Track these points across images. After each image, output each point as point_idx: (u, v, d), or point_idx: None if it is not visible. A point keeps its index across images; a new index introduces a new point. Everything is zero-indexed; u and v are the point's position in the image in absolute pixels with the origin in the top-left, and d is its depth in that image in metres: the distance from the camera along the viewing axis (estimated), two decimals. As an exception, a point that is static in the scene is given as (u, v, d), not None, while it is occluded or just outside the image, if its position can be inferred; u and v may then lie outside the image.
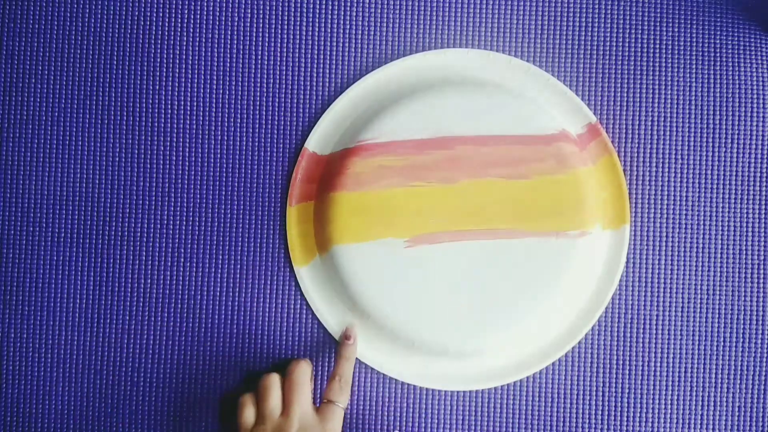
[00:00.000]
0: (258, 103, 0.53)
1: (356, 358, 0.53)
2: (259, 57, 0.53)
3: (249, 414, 0.49)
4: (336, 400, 0.49)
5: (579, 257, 0.51)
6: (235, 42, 0.53)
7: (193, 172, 0.53)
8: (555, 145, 0.51)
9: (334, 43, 0.53)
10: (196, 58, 0.53)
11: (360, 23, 0.53)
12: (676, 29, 0.54)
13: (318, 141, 0.53)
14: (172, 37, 0.53)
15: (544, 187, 0.51)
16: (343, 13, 0.53)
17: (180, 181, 0.53)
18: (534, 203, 0.51)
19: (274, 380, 0.50)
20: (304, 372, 0.49)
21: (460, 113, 0.51)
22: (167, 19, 0.53)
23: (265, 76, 0.53)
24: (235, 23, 0.53)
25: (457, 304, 0.51)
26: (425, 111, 0.51)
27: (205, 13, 0.53)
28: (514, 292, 0.51)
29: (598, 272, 0.52)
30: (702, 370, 0.53)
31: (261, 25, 0.53)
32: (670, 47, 0.54)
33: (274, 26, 0.53)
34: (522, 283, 0.51)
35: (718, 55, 0.54)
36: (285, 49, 0.53)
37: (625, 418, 0.53)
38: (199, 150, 0.53)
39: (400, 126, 0.51)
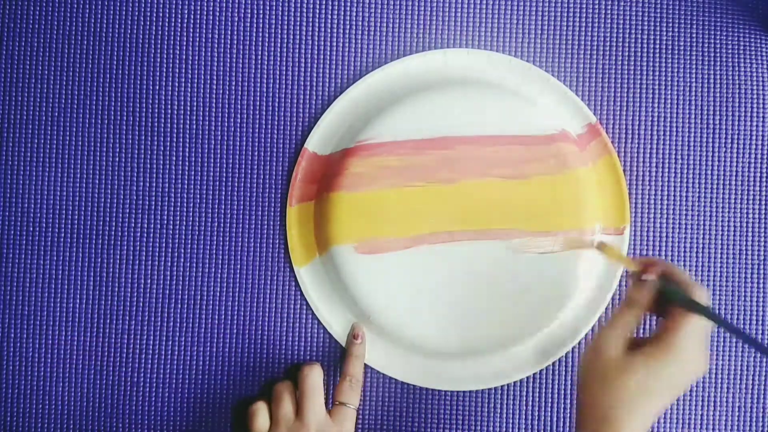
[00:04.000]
0: (258, 103, 0.53)
1: (358, 358, 0.53)
2: (259, 57, 0.53)
3: (263, 420, 0.49)
4: (347, 402, 0.50)
5: (579, 257, 0.51)
6: (235, 42, 0.53)
7: (193, 172, 0.53)
8: (555, 145, 0.51)
9: (334, 44, 0.53)
10: (196, 58, 0.53)
11: (360, 23, 0.53)
12: (676, 29, 0.54)
13: (318, 141, 0.53)
14: (172, 37, 0.53)
15: (544, 187, 0.51)
16: (342, 13, 0.53)
17: (180, 181, 0.53)
18: (534, 203, 0.51)
19: (287, 386, 0.50)
20: (317, 377, 0.50)
21: (460, 113, 0.51)
22: (167, 19, 0.53)
23: (265, 76, 0.53)
24: (235, 23, 0.53)
25: (457, 304, 0.51)
26: (425, 111, 0.51)
27: (205, 13, 0.53)
28: (513, 291, 0.51)
29: (599, 272, 0.52)
30: (702, 370, 0.53)
31: (261, 25, 0.53)
32: (670, 47, 0.54)
33: (274, 26, 0.53)
34: (522, 283, 0.51)
35: (718, 55, 0.54)
36: (285, 49, 0.53)
37: (625, 418, 0.53)
38: (199, 150, 0.53)
39: (400, 126, 0.51)
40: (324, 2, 0.53)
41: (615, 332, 0.43)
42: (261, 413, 0.49)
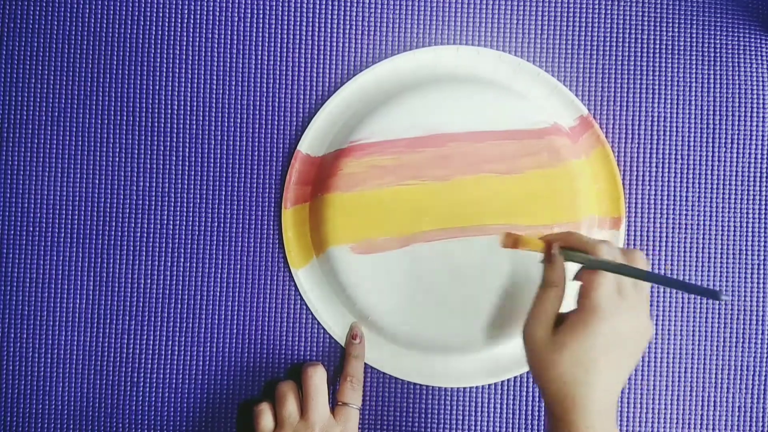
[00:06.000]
0: (258, 103, 0.53)
1: (358, 357, 0.53)
2: (259, 57, 0.53)
3: (267, 421, 0.49)
4: (350, 402, 0.50)
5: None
6: (235, 42, 0.53)
7: (192, 173, 0.53)
8: (547, 139, 0.51)
9: (329, 44, 0.53)
10: (196, 58, 0.53)
11: (351, 23, 0.53)
12: (676, 29, 0.54)
13: (311, 143, 0.53)
14: (172, 37, 0.53)
15: (538, 180, 0.51)
16: (335, 13, 0.53)
17: (180, 181, 0.53)
18: (528, 197, 0.51)
19: (291, 386, 0.50)
20: (320, 377, 0.50)
21: (452, 110, 0.51)
22: (167, 19, 0.53)
23: (265, 77, 0.53)
24: (235, 23, 0.53)
25: (455, 301, 0.51)
26: (417, 109, 0.51)
27: (205, 13, 0.53)
28: (511, 287, 0.51)
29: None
30: (702, 370, 0.53)
31: (260, 25, 0.53)
32: (670, 47, 0.54)
33: (273, 26, 0.53)
34: (520, 278, 0.51)
35: (718, 55, 0.53)
36: (284, 50, 0.53)
37: (625, 418, 0.53)
38: (199, 150, 0.53)
39: (392, 125, 0.51)
40: (321, 3, 0.53)
41: (539, 316, 0.43)
42: (265, 414, 0.49)
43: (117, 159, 0.53)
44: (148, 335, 0.53)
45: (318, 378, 0.50)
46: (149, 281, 0.53)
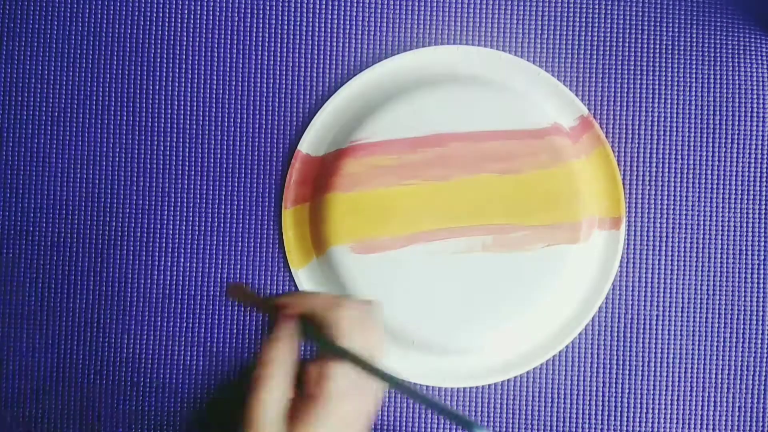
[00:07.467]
0: (258, 103, 0.53)
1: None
2: (259, 57, 0.53)
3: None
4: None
5: (577, 250, 0.51)
6: (235, 42, 0.53)
7: (192, 173, 0.53)
8: (547, 139, 0.51)
9: (330, 44, 0.53)
10: (196, 58, 0.53)
11: (351, 23, 0.53)
12: (676, 29, 0.54)
13: (311, 142, 0.53)
14: (172, 37, 0.53)
15: (539, 180, 0.51)
16: (335, 13, 0.53)
17: (180, 181, 0.53)
18: (529, 197, 0.51)
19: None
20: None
21: (452, 110, 0.51)
22: (167, 19, 0.53)
23: (265, 77, 0.53)
24: (235, 23, 0.53)
25: (456, 302, 0.51)
26: (417, 109, 0.51)
27: (205, 13, 0.53)
28: (512, 287, 0.51)
29: (597, 263, 0.52)
30: (702, 370, 0.53)
31: (260, 25, 0.53)
32: (670, 47, 0.54)
33: (273, 26, 0.53)
34: (520, 278, 0.51)
35: (718, 55, 0.53)
36: (284, 50, 0.53)
37: (625, 418, 0.53)
38: (199, 150, 0.53)
39: (393, 125, 0.51)
40: (321, 3, 0.53)
41: (265, 406, 0.36)
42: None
43: (117, 159, 0.53)
44: (148, 335, 0.53)
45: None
46: (149, 281, 0.53)
